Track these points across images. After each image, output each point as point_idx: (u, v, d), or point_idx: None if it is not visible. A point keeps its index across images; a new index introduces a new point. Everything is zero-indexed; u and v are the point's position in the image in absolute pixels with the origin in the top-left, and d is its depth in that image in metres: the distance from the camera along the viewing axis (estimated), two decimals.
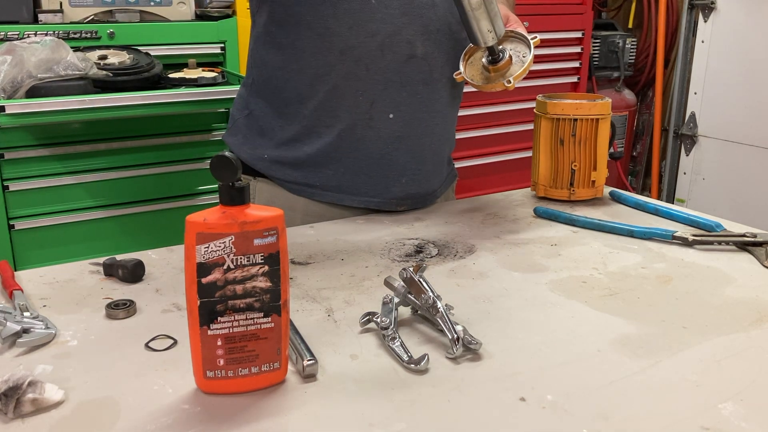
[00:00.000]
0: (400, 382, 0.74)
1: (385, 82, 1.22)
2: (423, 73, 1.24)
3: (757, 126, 2.95)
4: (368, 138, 1.25)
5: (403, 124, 1.25)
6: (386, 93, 1.22)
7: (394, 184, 1.29)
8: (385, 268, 1.05)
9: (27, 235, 2.03)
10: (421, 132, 1.28)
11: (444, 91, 1.29)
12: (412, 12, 1.20)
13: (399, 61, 1.21)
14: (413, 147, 1.28)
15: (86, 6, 2.22)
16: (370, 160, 1.26)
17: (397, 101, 1.23)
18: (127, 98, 1.93)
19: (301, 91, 1.24)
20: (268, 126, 1.29)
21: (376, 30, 1.18)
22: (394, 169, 1.28)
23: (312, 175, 1.27)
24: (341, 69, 1.20)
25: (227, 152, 0.68)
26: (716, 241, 1.14)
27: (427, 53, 1.23)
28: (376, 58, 1.20)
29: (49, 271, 1.02)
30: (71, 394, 0.71)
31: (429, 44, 1.22)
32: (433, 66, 1.24)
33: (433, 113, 1.28)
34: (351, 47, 1.19)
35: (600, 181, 1.37)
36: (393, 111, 1.24)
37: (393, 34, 1.19)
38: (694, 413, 0.69)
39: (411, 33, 1.20)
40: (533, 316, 0.90)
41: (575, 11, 3.06)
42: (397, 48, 1.20)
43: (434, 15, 1.22)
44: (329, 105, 1.23)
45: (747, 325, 0.87)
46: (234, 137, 1.36)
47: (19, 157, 1.98)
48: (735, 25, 3.01)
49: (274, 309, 0.71)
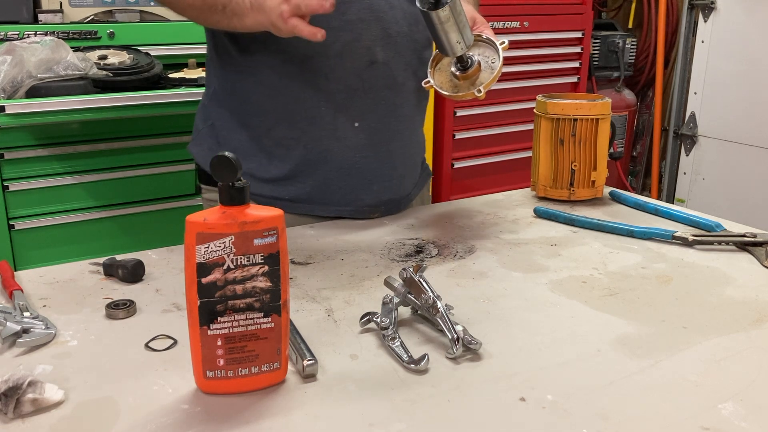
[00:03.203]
0: (400, 382, 0.74)
1: (347, 90, 1.19)
2: (386, 79, 1.21)
3: (757, 126, 2.95)
4: (335, 149, 1.22)
5: (370, 132, 1.22)
6: (349, 102, 1.20)
7: (365, 193, 1.26)
8: (385, 268, 1.05)
9: (27, 235, 2.03)
10: (389, 138, 1.25)
11: (409, 95, 1.26)
12: (369, 17, 1.17)
13: (360, 69, 1.18)
14: (382, 154, 1.25)
15: (86, 6, 2.22)
16: (340, 171, 1.23)
17: (361, 109, 1.21)
18: (127, 98, 1.93)
19: (261, 104, 1.21)
20: (233, 138, 1.25)
21: (333, 38, 1.13)
22: (364, 177, 1.25)
23: (281, 189, 1.24)
24: (300, 80, 1.18)
25: (227, 152, 0.68)
26: (716, 241, 1.14)
27: (388, 58, 1.20)
28: (336, 67, 1.17)
29: (49, 271, 1.02)
30: (71, 394, 0.71)
31: (389, 49, 1.20)
32: (395, 70, 1.22)
33: (400, 118, 1.26)
34: (309, 57, 1.16)
35: (600, 181, 1.37)
36: (358, 119, 1.21)
37: (352, 42, 1.16)
38: (694, 413, 0.69)
39: (370, 39, 1.17)
40: (533, 316, 0.90)
41: (575, 11, 3.06)
42: (356, 55, 1.17)
43: (392, 18, 1.19)
44: (291, 118, 1.20)
45: (747, 325, 0.87)
46: (199, 147, 1.31)
47: (19, 157, 1.98)
48: (735, 25, 3.01)
49: (274, 309, 0.71)
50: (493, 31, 1.20)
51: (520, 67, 2.94)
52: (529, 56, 2.95)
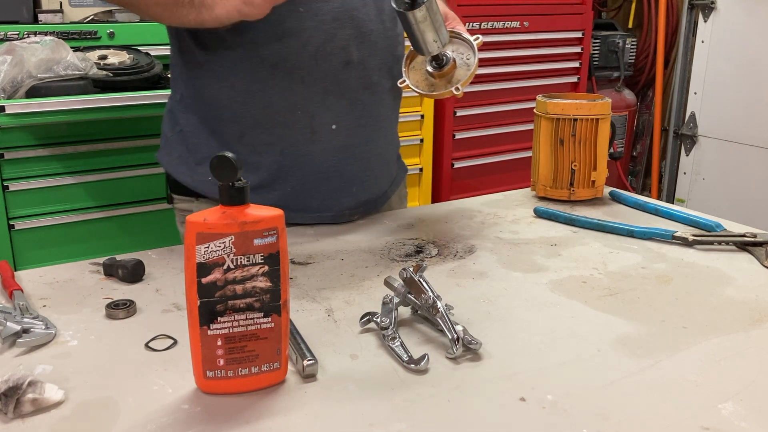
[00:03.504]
0: (400, 382, 0.74)
1: (323, 92, 1.15)
2: (361, 79, 1.18)
3: (757, 126, 2.95)
4: (313, 153, 1.18)
5: (347, 134, 1.19)
6: (326, 104, 1.16)
7: (344, 196, 1.24)
8: (385, 268, 1.05)
9: (27, 235, 2.03)
10: (366, 139, 1.23)
11: (385, 93, 1.24)
12: (343, 16, 1.14)
13: (335, 69, 1.15)
14: (360, 155, 1.23)
15: (86, 6, 2.22)
16: (318, 175, 1.20)
17: (337, 111, 1.17)
18: (127, 98, 1.93)
19: (233, 109, 1.16)
20: (203, 145, 1.20)
21: (307, 39, 1.12)
22: (343, 180, 1.22)
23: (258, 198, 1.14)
24: (274, 84, 1.14)
25: (227, 152, 0.68)
26: (716, 241, 1.14)
27: (363, 57, 1.17)
28: (311, 68, 1.13)
29: (49, 271, 1.02)
30: (71, 394, 0.71)
31: (364, 47, 1.17)
32: (370, 69, 1.19)
33: (377, 117, 1.23)
34: (283, 60, 1.12)
35: (600, 181, 1.37)
36: (335, 121, 1.18)
37: (326, 42, 1.13)
38: (694, 413, 0.69)
39: (345, 38, 1.14)
40: (533, 316, 0.90)
41: (575, 11, 3.06)
42: (331, 56, 1.14)
43: (366, 16, 1.16)
44: (266, 123, 1.16)
45: (747, 325, 0.87)
46: (168, 156, 1.26)
47: (19, 157, 1.98)
48: (735, 25, 3.01)
49: (274, 309, 0.71)
50: (493, 30, 1.20)
51: (520, 67, 2.95)
52: (529, 56, 2.95)
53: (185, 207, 1.27)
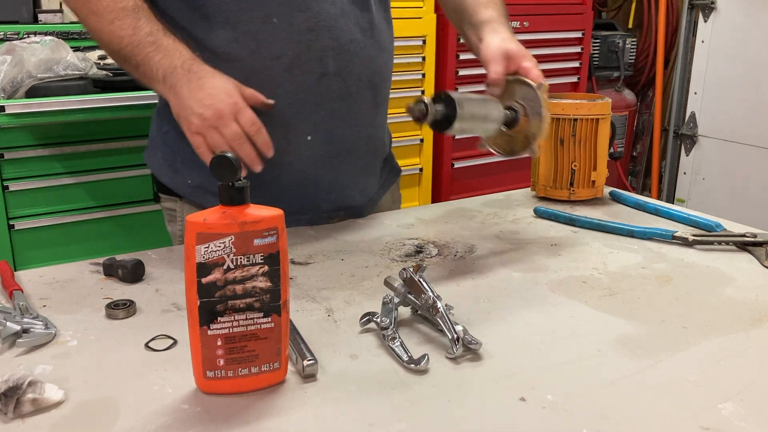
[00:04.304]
0: (400, 382, 0.74)
1: (297, 104, 1.12)
2: (338, 90, 1.14)
3: (757, 126, 2.95)
4: (288, 163, 1.15)
5: (323, 144, 1.17)
6: (300, 115, 1.13)
7: (322, 202, 1.23)
8: (385, 268, 1.05)
9: (27, 235, 2.03)
10: (345, 149, 1.20)
11: (364, 103, 1.20)
12: (319, 26, 1.10)
13: (310, 82, 1.11)
14: (338, 164, 1.20)
15: None
16: (295, 184, 1.18)
17: (313, 122, 1.14)
18: (127, 98, 1.93)
19: None
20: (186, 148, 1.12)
21: (281, 51, 1.08)
22: (320, 188, 1.21)
23: None
24: None
25: (227, 152, 0.68)
26: (716, 241, 1.14)
27: (341, 68, 1.13)
28: (284, 80, 1.10)
29: (49, 271, 1.02)
30: (71, 394, 0.71)
31: (342, 58, 1.13)
32: (348, 80, 1.15)
33: (355, 127, 1.20)
34: (255, 72, 1.08)
35: (600, 181, 1.37)
36: (311, 133, 1.15)
37: (301, 54, 1.09)
38: (694, 413, 0.69)
39: (320, 49, 1.11)
40: (533, 316, 0.90)
41: (575, 11, 3.06)
42: (307, 67, 1.10)
43: (344, 25, 1.13)
44: None
45: (747, 325, 0.87)
46: (154, 158, 1.25)
47: (19, 157, 1.98)
48: (735, 25, 3.01)
49: (274, 309, 0.71)
50: None
51: None
52: None
53: (171, 206, 1.27)
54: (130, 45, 1.02)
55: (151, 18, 1.04)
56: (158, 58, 1.01)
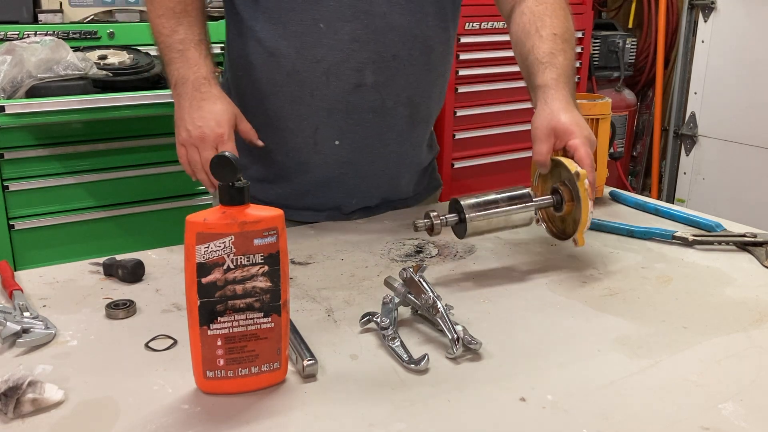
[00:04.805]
0: (400, 382, 0.74)
1: (329, 109, 1.17)
2: (372, 102, 1.17)
3: (757, 126, 2.95)
4: (314, 162, 1.21)
5: (350, 150, 1.20)
6: (330, 120, 1.18)
7: (344, 203, 1.26)
8: (385, 268, 1.05)
9: (27, 235, 2.03)
10: (372, 158, 1.23)
11: (399, 119, 1.22)
12: (364, 38, 1.13)
13: (345, 90, 1.15)
14: (363, 172, 1.23)
15: (86, 6, 2.22)
16: (318, 183, 1.24)
17: (342, 129, 1.18)
18: (127, 98, 1.93)
19: (254, 104, 1.20)
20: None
21: (322, 56, 1.13)
22: (342, 191, 1.24)
23: (261, 191, 1.21)
24: (287, 91, 1.17)
25: (227, 153, 0.68)
26: (716, 241, 1.14)
27: (379, 82, 1.16)
28: (321, 84, 1.15)
29: (49, 271, 1.02)
30: (71, 394, 0.71)
31: (382, 72, 1.16)
32: (385, 95, 1.18)
33: (385, 140, 1.22)
34: (297, 71, 1.15)
35: (600, 181, 1.37)
36: (338, 138, 1.19)
37: (340, 62, 1.13)
38: (694, 413, 0.69)
39: (360, 60, 1.14)
40: (533, 315, 0.90)
41: (575, 11, 3.03)
42: (343, 76, 1.14)
43: (391, 41, 1.15)
44: (276, 124, 1.20)
45: (747, 325, 0.87)
46: None
47: (19, 157, 1.98)
48: (735, 25, 3.01)
49: (274, 309, 0.71)
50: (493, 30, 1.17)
51: None
52: None
53: None
54: (164, 44, 1.11)
55: (193, 25, 1.12)
56: (178, 65, 1.09)
